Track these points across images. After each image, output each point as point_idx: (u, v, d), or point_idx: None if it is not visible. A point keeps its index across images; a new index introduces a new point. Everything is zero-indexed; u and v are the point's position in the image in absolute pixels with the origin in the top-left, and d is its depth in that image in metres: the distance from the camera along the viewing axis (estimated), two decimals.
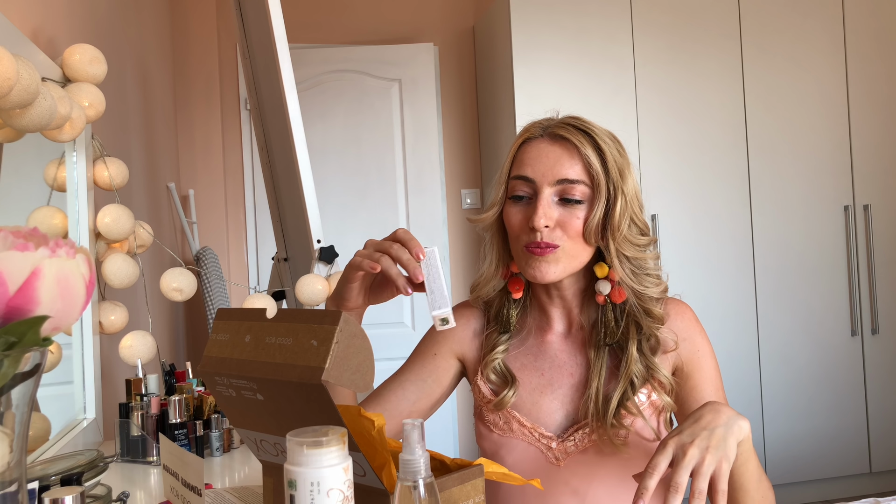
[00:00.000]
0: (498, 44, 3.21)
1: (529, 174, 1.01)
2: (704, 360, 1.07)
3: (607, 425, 1.01)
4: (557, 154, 1.01)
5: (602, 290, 1.05)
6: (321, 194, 2.97)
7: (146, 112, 2.38)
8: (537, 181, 1.01)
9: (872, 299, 3.23)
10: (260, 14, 1.87)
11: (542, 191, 1.00)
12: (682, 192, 3.12)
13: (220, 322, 0.77)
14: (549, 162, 1.01)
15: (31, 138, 1.20)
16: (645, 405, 1.03)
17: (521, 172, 1.03)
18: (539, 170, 1.01)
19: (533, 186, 1.01)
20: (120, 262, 1.42)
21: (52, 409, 1.27)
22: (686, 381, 1.06)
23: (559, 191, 1.00)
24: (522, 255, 1.02)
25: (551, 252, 1.00)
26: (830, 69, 3.24)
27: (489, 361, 1.09)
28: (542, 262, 1.00)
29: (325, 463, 0.57)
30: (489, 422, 1.10)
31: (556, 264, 1.01)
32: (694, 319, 1.09)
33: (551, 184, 1.00)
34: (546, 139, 1.03)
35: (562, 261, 1.01)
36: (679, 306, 1.09)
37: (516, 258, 1.05)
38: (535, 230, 0.99)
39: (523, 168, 1.02)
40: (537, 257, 1.00)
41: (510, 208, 1.04)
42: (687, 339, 1.07)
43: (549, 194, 1.00)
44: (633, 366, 1.02)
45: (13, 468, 0.50)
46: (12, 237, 0.50)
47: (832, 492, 3.19)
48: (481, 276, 1.11)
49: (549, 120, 1.07)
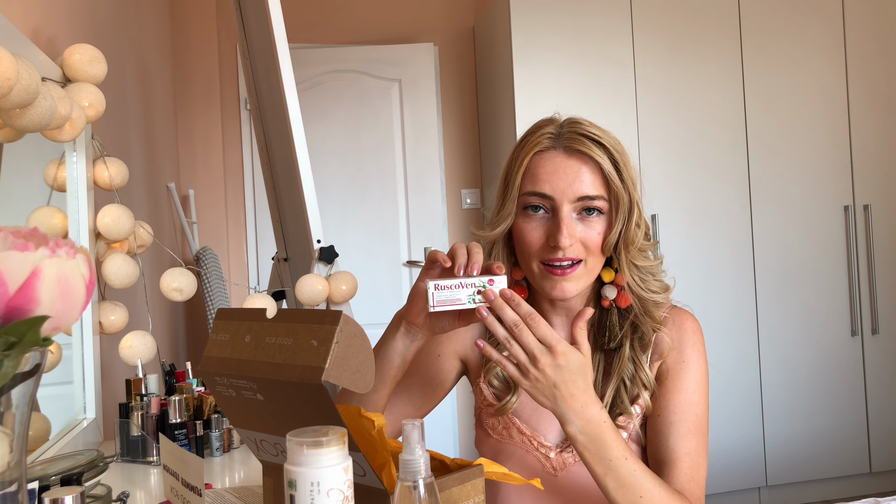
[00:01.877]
0: (498, 44, 3.21)
1: (548, 191, 0.98)
2: (686, 371, 1.04)
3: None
4: (575, 170, 0.98)
5: (608, 295, 1.04)
6: (321, 194, 2.97)
7: (146, 112, 2.38)
8: (556, 198, 0.98)
9: (872, 299, 3.23)
10: (260, 14, 1.87)
11: (563, 208, 0.98)
12: (681, 192, 3.12)
13: (220, 322, 0.77)
14: (567, 178, 0.98)
15: (31, 138, 1.20)
16: (639, 415, 1.03)
17: (537, 189, 0.99)
18: (558, 186, 0.98)
19: (551, 203, 0.99)
20: (120, 262, 1.42)
21: (52, 409, 1.27)
22: (660, 386, 1.04)
23: (578, 206, 0.99)
24: (541, 272, 1.00)
25: (572, 271, 0.98)
26: (830, 69, 3.24)
27: (491, 367, 1.08)
28: (563, 281, 0.99)
29: (325, 463, 0.57)
30: (488, 426, 1.09)
31: (577, 281, 0.99)
32: (691, 331, 1.06)
33: (571, 201, 0.98)
34: (561, 153, 1.00)
35: (583, 277, 1.00)
36: (682, 316, 1.07)
37: (531, 274, 1.03)
38: (559, 248, 0.97)
39: (539, 184, 0.99)
40: (559, 277, 0.98)
41: (524, 223, 1.01)
42: (675, 348, 1.05)
43: (568, 211, 0.98)
44: (625, 364, 1.02)
45: (13, 468, 0.50)
46: (12, 237, 0.50)
47: (832, 492, 3.19)
48: None
49: (557, 127, 1.03)
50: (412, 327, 0.96)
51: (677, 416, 1.01)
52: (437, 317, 0.94)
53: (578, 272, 0.99)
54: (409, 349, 0.97)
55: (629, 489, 0.89)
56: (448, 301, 0.87)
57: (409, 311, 0.95)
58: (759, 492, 3.16)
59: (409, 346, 0.97)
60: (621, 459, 0.89)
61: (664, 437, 1.01)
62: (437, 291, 0.87)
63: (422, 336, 0.97)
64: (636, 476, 0.90)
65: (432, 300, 0.87)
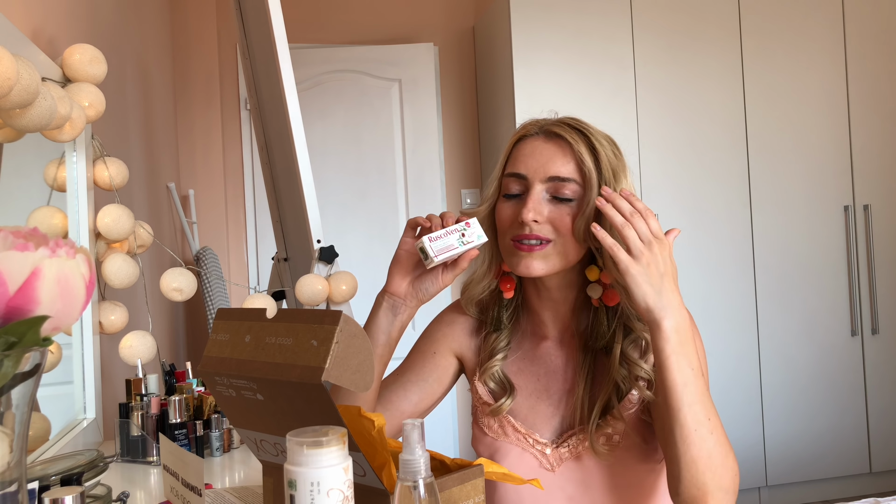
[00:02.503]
0: (498, 44, 3.21)
1: (522, 171, 1.01)
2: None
3: (591, 430, 1.00)
4: (551, 151, 1.01)
5: (593, 294, 1.03)
6: (321, 194, 2.96)
7: (146, 112, 2.38)
8: (529, 177, 1.00)
9: (872, 299, 3.23)
10: (260, 14, 1.87)
11: (534, 187, 0.99)
12: (681, 192, 3.12)
13: (220, 322, 0.77)
14: (541, 159, 1.00)
15: (31, 138, 1.20)
16: (635, 405, 1.02)
17: (514, 169, 1.02)
18: (532, 166, 1.01)
19: (525, 183, 1.01)
20: (120, 262, 1.42)
21: (52, 409, 1.27)
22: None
23: (551, 188, 0.99)
24: (509, 249, 1.01)
25: (540, 249, 0.98)
26: (830, 69, 3.24)
27: (488, 368, 1.08)
28: (529, 258, 0.99)
29: (325, 463, 0.57)
30: (484, 424, 1.09)
31: (544, 260, 0.99)
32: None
33: (542, 180, 1.00)
34: (541, 137, 1.03)
35: (550, 257, 0.99)
36: None
37: (504, 253, 1.04)
38: (524, 224, 0.98)
39: (517, 165, 1.02)
40: (525, 253, 0.99)
41: (502, 205, 1.04)
42: None
43: (539, 190, 0.99)
44: (617, 371, 1.01)
45: (13, 468, 0.50)
46: (12, 237, 0.50)
47: (832, 492, 3.19)
48: (473, 273, 1.10)
49: (546, 119, 1.06)
50: (395, 300, 1.00)
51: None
52: (421, 280, 1.00)
53: (546, 251, 0.99)
54: (394, 325, 1.00)
55: (701, 406, 0.90)
56: (444, 249, 0.95)
57: (391, 282, 1.00)
58: (759, 492, 3.16)
59: (392, 321, 1.00)
60: (698, 372, 0.91)
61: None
62: (433, 242, 0.94)
63: (405, 308, 1.00)
64: (707, 395, 0.91)
65: (432, 251, 0.94)
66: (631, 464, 1.02)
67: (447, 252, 0.95)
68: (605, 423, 1.00)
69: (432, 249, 0.93)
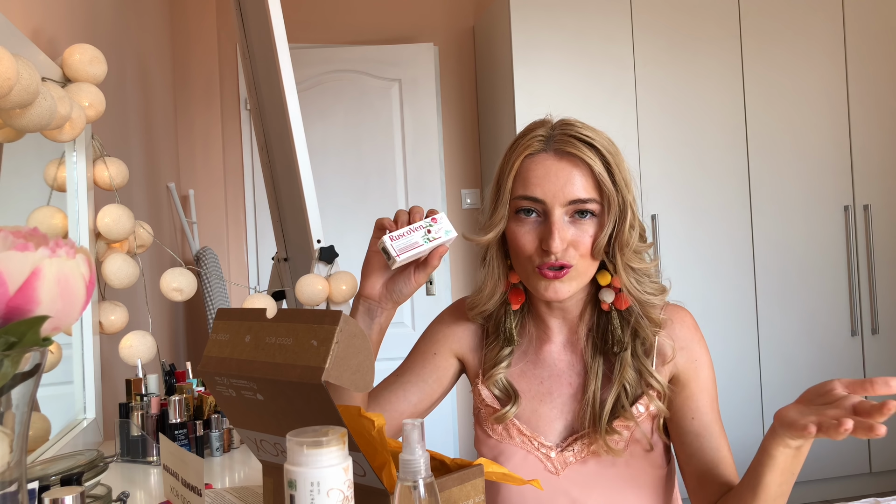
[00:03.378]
0: (498, 44, 3.21)
1: (539, 195, 0.97)
2: (701, 369, 1.05)
3: (602, 430, 1.00)
4: (567, 172, 0.97)
5: (606, 299, 1.03)
6: (321, 194, 2.96)
7: (146, 112, 2.38)
8: (548, 202, 0.97)
9: (872, 299, 3.23)
10: (260, 14, 1.86)
11: (554, 212, 0.97)
12: (681, 192, 3.12)
13: (220, 322, 0.77)
14: (558, 182, 0.97)
15: (31, 138, 1.20)
16: (643, 415, 1.03)
17: (528, 193, 0.98)
18: (549, 190, 0.97)
19: (542, 206, 0.98)
20: (120, 262, 1.42)
21: (52, 409, 1.27)
22: (682, 389, 1.04)
23: (570, 210, 0.98)
24: (534, 275, 0.99)
25: (566, 273, 0.98)
26: (830, 69, 3.24)
27: (492, 375, 1.08)
28: (556, 283, 0.98)
29: (325, 463, 0.57)
30: (488, 426, 1.09)
31: (569, 283, 0.99)
32: (693, 327, 1.06)
33: (563, 204, 0.97)
34: (552, 155, 0.98)
35: (575, 279, 0.99)
36: (680, 313, 1.08)
37: (525, 277, 1.02)
38: (550, 253, 0.96)
39: (531, 188, 0.98)
40: (551, 280, 0.98)
41: (516, 227, 1.00)
42: (685, 347, 1.05)
43: (560, 215, 0.97)
44: (626, 371, 1.01)
45: (13, 468, 0.50)
46: (12, 237, 0.50)
47: (832, 492, 3.19)
48: (482, 293, 1.07)
49: (548, 129, 1.02)
50: (370, 303, 1.00)
51: (710, 415, 1.04)
52: (394, 281, 0.99)
53: (570, 274, 0.98)
54: (372, 328, 1.00)
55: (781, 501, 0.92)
56: (407, 247, 0.92)
57: (363, 285, 0.99)
58: None
59: (370, 324, 1.00)
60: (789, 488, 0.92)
61: (707, 439, 1.03)
62: (394, 241, 0.92)
63: (381, 311, 1.00)
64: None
65: (394, 251, 0.91)
66: (637, 467, 1.03)
67: (411, 250, 0.92)
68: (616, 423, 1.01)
69: (394, 249, 0.91)
